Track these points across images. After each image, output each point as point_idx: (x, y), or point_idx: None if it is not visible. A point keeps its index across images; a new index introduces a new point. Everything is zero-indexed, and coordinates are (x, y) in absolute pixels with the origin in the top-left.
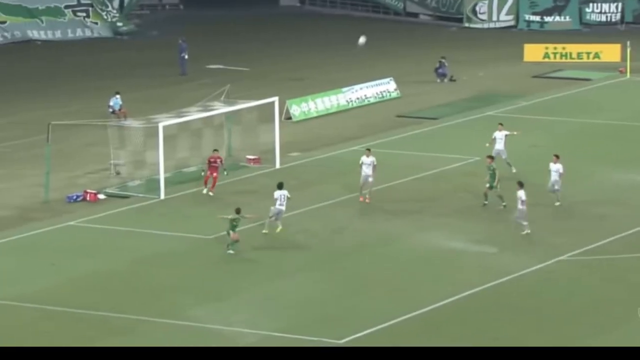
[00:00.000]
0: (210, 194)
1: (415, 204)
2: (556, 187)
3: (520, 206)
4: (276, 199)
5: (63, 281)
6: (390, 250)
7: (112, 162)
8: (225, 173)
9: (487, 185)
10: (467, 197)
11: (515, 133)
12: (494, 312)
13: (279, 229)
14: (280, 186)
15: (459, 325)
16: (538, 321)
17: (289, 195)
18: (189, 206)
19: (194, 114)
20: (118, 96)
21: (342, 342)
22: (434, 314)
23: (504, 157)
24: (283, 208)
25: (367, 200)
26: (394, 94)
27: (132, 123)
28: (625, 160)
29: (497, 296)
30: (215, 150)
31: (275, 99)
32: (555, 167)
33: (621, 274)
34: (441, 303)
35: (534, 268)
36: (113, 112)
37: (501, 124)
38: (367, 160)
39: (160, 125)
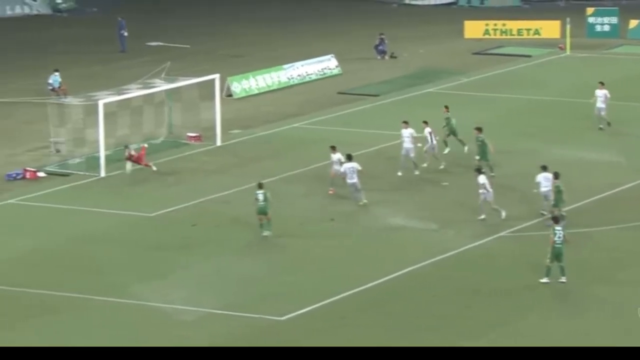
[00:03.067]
0: (154, 168)
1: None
2: (602, 113)
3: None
4: (346, 173)
5: (2, 259)
6: (332, 227)
7: (52, 139)
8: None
9: (477, 157)
10: (408, 174)
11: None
12: (435, 288)
13: (362, 202)
14: (349, 157)
15: (401, 302)
16: (478, 298)
17: (359, 168)
18: (129, 184)
19: (134, 91)
20: (57, 73)
21: (283, 319)
22: (375, 291)
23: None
24: (354, 181)
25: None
26: (335, 71)
27: (72, 100)
28: (565, 136)
29: (439, 272)
30: (125, 146)
31: (216, 76)
32: (602, 93)
33: None
34: (383, 280)
35: (474, 244)
36: (53, 89)
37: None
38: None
39: (101, 103)
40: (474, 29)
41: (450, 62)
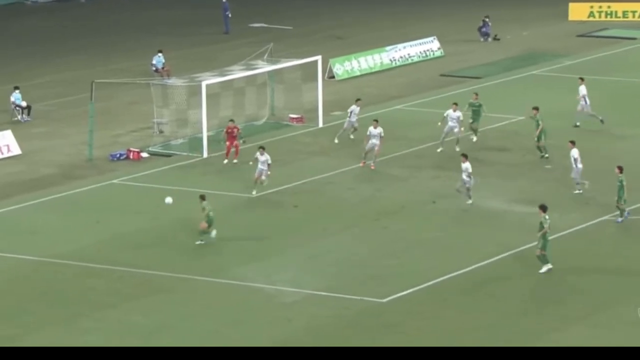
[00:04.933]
0: (235, 161)
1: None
2: None
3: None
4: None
5: (106, 239)
6: (433, 210)
7: (155, 120)
8: (242, 142)
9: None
10: (511, 156)
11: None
12: (536, 272)
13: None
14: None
15: (502, 285)
16: (579, 281)
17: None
18: (231, 165)
19: (237, 73)
20: (161, 54)
21: (384, 301)
22: (476, 274)
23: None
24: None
25: (372, 167)
26: (438, 53)
27: (175, 81)
28: None
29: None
30: (231, 120)
31: (319, 57)
32: None
33: None
34: (484, 262)
35: (577, 227)
36: (156, 70)
37: (455, 104)
38: (374, 131)
39: (204, 84)
40: (578, 11)
41: (554, 44)
